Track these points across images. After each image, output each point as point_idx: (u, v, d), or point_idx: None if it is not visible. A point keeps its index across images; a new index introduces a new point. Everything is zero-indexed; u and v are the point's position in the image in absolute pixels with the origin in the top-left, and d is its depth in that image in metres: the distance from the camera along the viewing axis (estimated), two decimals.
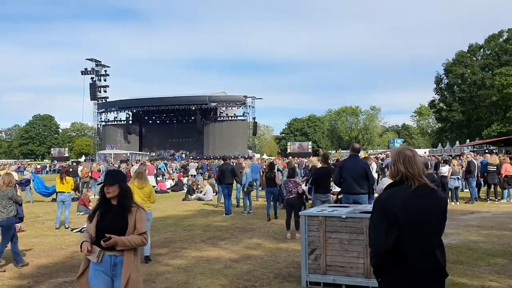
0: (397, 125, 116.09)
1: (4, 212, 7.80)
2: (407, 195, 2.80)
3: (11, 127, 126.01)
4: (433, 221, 2.81)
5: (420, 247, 2.73)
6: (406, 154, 2.93)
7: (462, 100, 59.95)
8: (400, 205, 2.76)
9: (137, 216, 3.89)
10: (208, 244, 9.51)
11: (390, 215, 2.74)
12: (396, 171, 2.93)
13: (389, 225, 2.73)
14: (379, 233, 2.77)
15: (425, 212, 2.78)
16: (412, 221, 2.73)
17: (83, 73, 69.83)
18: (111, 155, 55.98)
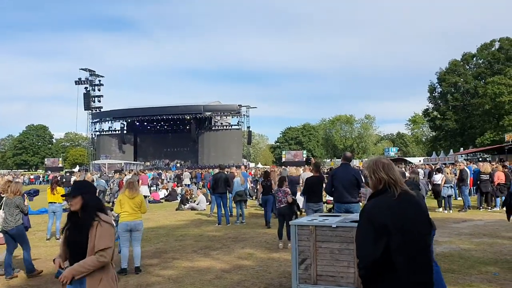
0: (391, 133, 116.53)
1: (12, 221, 7.86)
2: (392, 203, 2.76)
3: (5, 137, 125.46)
4: (421, 228, 2.77)
5: (409, 255, 2.67)
6: (384, 162, 2.92)
7: (456, 109, 60.34)
8: (387, 214, 2.71)
9: (98, 231, 3.53)
10: (200, 254, 9.44)
11: (377, 225, 2.69)
12: (378, 180, 2.88)
13: (376, 235, 2.67)
14: (366, 243, 2.71)
15: (412, 220, 2.74)
16: (400, 229, 2.67)
17: (77, 83, 69.65)
18: (106, 165, 55.72)
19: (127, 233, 7.93)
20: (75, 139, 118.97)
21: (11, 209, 7.87)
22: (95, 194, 3.81)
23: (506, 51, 56.78)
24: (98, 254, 3.50)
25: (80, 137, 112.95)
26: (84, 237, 3.54)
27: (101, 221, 3.59)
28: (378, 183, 2.88)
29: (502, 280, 6.72)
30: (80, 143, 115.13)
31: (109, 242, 3.56)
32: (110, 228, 3.63)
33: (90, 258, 3.50)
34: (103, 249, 3.52)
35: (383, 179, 2.85)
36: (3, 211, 7.91)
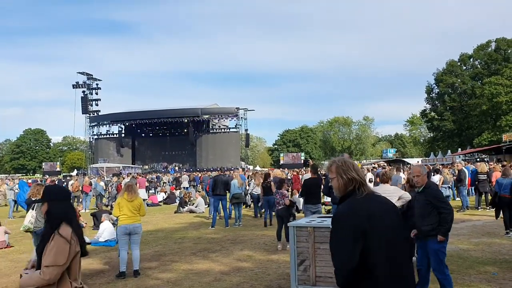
0: (390, 135, 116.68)
1: (41, 221, 7.92)
2: (365, 205, 2.64)
3: (2, 142, 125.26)
4: (396, 228, 2.66)
5: (387, 257, 2.55)
6: (350, 161, 2.82)
7: (453, 109, 60.48)
8: (362, 216, 2.57)
9: (50, 244, 3.13)
10: (199, 256, 9.43)
11: (354, 229, 2.54)
12: (350, 180, 2.74)
13: (354, 240, 2.53)
14: (344, 250, 2.54)
15: (387, 220, 2.63)
16: (377, 232, 2.56)
17: (75, 87, 69.65)
18: (104, 169, 55.62)
19: (126, 236, 7.91)
20: (73, 143, 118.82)
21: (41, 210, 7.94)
22: (64, 201, 3.41)
23: (503, 52, 56.99)
24: (41, 271, 3.11)
25: (78, 141, 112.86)
26: (42, 247, 3.22)
27: (57, 234, 3.16)
28: (349, 184, 2.74)
29: (501, 280, 6.72)
30: (78, 147, 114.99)
31: (55, 260, 3.07)
32: (63, 244, 3.14)
33: (36, 272, 3.16)
34: (46, 266, 3.07)
35: (355, 179, 2.73)
36: (35, 211, 8.11)
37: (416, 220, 5.54)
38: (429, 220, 5.36)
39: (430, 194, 5.45)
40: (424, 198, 5.44)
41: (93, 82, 70.44)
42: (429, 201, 5.39)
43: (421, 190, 5.52)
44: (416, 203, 5.64)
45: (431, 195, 5.43)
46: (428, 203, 5.39)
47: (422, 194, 5.52)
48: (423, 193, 5.51)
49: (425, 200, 5.42)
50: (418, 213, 5.50)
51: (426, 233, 5.38)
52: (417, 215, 5.53)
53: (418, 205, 5.56)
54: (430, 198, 5.39)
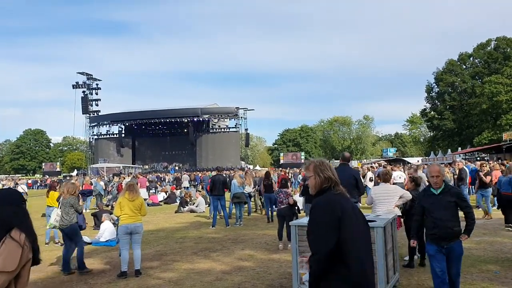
0: (390, 134, 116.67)
1: (67, 219, 8.32)
2: (339, 200, 2.91)
3: (2, 142, 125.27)
4: (363, 225, 2.94)
5: (358, 247, 2.82)
6: (327, 162, 3.06)
7: (453, 108, 60.49)
8: (338, 208, 2.83)
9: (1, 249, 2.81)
10: (200, 256, 9.42)
11: (331, 218, 2.79)
12: (326, 179, 2.98)
13: (330, 228, 2.78)
14: (321, 236, 2.79)
15: (358, 216, 2.92)
16: (351, 223, 2.81)
17: (75, 87, 69.69)
18: (104, 169, 55.65)
19: (127, 236, 7.89)
20: (73, 143, 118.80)
21: (67, 208, 8.36)
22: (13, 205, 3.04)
23: (503, 50, 56.98)
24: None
25: (78, 141, 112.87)
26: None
27: (8, 237, 2.86)
28: (325, 182, 2.99)
29: (503, 279, 6.71)
30: (78, 147, 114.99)
31: (4, 265, 2.72)
32: (15, 247, 2.81)
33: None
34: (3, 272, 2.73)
35: (330, 178, 2.99)
36: (60, 210, 8.46)
37: (441, 222, 5.05)
38: (457, 221, 5.11)
39: (455, 194, 5.17)
40: (449, 200, 5.10)
41: (93, 82, 70.49)
42: (454, 201, 5.10)
43: (442, 190, 5.14)
44: (437, 205, 5.13)
45: (456, 195, 5.16)
46: (454, 204, 5.11)
47: (444, 195, 5.13)
48: (446, 193, 5.13)
49: (450, 202, 5.09)
50: (445, 215, 5.06)
51: (458, 234, 5.08)
52: (442, 217, 5.05)
53: (441, 207, 5.10)
54: (456, 198, 5.12)
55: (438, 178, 5.11)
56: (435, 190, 5.16)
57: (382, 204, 7.41)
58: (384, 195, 7.49)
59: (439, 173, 5.11)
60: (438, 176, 5.10)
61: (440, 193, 5.14)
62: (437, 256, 5.10)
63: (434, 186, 5.17)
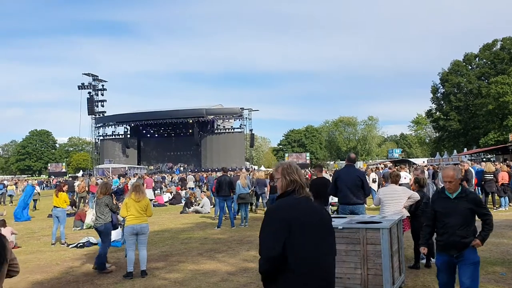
0: (395, 135, 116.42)
1: (102, 218, 8.53)
2: (299, 203, 2.91)
3: (8, 143, 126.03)
4: (322, 231, 2.88)
5: (308, 255, 2.77)
6: (295, 165, 3.07)
7: (459, 109, 60.23)
8: (292, 212, 2.84)
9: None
10: (205, 257, 9.43)
11: (281, 222, 2.80)
12: (291, 181, 2.99)
13: (280, 231, 2.78)
14: (269, 238, 2.80)
15: (315, 221, 2.87)
16: (303, 229, 2.80)
17: (80, 88, 69.85)
18: (109, 170, 55.81)
19: (133, 237, 7.92)
20: (78, 143, 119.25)
21: (101, 207, 8.59)
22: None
23: (509, 51, 56.69)
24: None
25: (84, 141, 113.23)
26: None
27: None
28: (290, 184, 3.00)
29: (509, 280, 6.69)
30: (84, 148, 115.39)
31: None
32: None
33: None
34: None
35: (295, 181, 2.99)
36: (95, 209, 8.73)
37: (452, 229, 4.65)
38: (470, 230, 4.67)
39: (473, 200, 4.71)
40: (465, 206, 4.64)
41: (99, 83, 70.64)
42: (470, 208, 4.64)
43: (458, 195, 4.69)
44: (450, 211, 4.69)
45: (473, 201, 4.70)
46: (469, 211, 4.65)
47: (460, 200, 4.67)
48: (462, 198, 4.68)
49: (465, 208, 4.64)
50: (458, 222, 4.63)
51: (467, 245, 4.62)
52: (454, 224, 4.64)
53: (455, 213, 4.66)
54: (473, 205, 4.65)
55: (451, 184, 4.67)
56: (450, 194, 4.72)
57: (389, 205, 7.40)
58: (392, 196, 7.48)
59: (453, 179, 4.65)
60: (451, 181, 4.66)
61: (455, 197, 4.69)
62: (444, 268, 4.79)
63: (448, 191, 4.74)
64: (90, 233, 13.28)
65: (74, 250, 11.09)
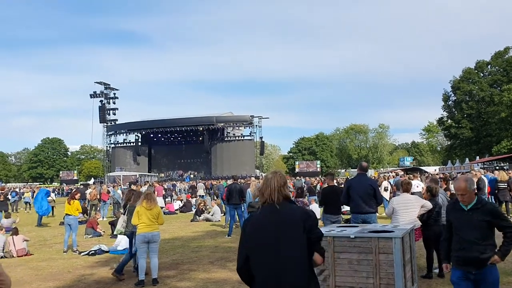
0: (406, 142, 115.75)
1: (130, 225, 8.63)
2: (257, 215, 3.15)
3: (20, 151, 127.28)
4: (277, 236, 2.98)
5: (261, 263, 2.98)
6: (266, 178, 3.21)
7: (471, 117, 59.76)
8: (250, 225, 3.12)
9: None
10: (216, 265, 9.42)
11: (243, 234, 3.13)
12: (259, 196, 3.22)
13: (242, 245, 3.11)
14: (238, 250, 3.13)
15: (266, 228, 3.02)
16: (256, 241, 3.03)
17: (92, 96, 70.51)
18: (121, 177, 56.12)
19: (145, 245, 7.94)
20: (90, 151, 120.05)
21: (130, 215, 8.65)
22: None
23: None
24: None
25: (96, 149, 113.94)
26: None
27: None
28: (261, 199, 3.19)
29: None
30: (95, 156, 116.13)
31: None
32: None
33: None
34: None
35: (261, 195, 3.17)
36: (125, 216, 8.91)
37: (468, 244, 4.24)
38: (489, 244, 4.23)
39: (490, 211, 4.27)
40: (480, 218, 4.22)
41: (111, 91, 71.24)
42: (488, 221, 4.22)
43: (473, 206, 4.29)
44: (464, 223, 4.31)
45: (490, 213, 4.26)
46: (486, 223, 4.22)
47: (475, 212, 4.27)
48: (477, 210, 4.26)
49: (481, 221, 4.22)
50: (474, 236, 4.22)
51: (485, 262, 4.18)
52: (469, 239, 4.24)
53: (469, 225, 4.26)
54: (490, 217, 4.23)
55: (464, 197, 4.30)
56: (465, 206, 4.33)
57: (402, 214, 7.34)
58: (405, 205, 7.42)
59: (465, 191, 4.26)
60: (463, 194, 4.28)
61: (470, 209, 4.29)
62: (461, 283, 4.33)
63: (462, 203, 4.36)
64: (101, 241, 13.35)
65: (86, 257, 11.13)
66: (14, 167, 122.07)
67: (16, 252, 11.62)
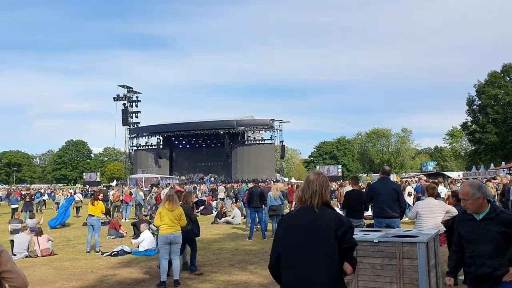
0: (429, 147, 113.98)
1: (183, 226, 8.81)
2: (294, 215, 3.26)
3: (45, 153, 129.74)
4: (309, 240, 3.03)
5: (290, 264, 3.05)
6: (308, 179, 3.26)
7: (496, 122, 58.55)
8: (285, 224, 3.24)
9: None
10: (237, 268, 9.41)
11: (278, 233, 3.26)
12: (297, 195, 3.35)
13: (276, 241, 3.24)
14: (271, 248, 3.24)
15: (300, 230, 3.09)
16: (285, 239, 3.13)
17: (116, 99, 71.56)
18: (142, 179, 56.73)
19: (167, 246, 7.99)
20: (113, 154, 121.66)
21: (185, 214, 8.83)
22: None
23: None
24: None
25: (118, 152, 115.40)
26: None
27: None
28: (297, 199, 3.33)
29: None
30: (118, 158, 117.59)
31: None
32: None
33: None
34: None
35: (299, 196, 3.26)
36: None
37: (479, 259, 3.74)
38: (505, 259, 3.66)
39: (504, 221, 3.70)
40: (494, 229, 3.70)
41: (133, 95, 72.20)
42: (503, 232, 3.66)
43: (486, 215, 3.78)
44: (476, 235, 3.81)
45: (505, 223, 3.69)
46: (501, 235, 3.67)
47: (488, 222, 3.76)
48: (490, 220, 3.75)
49: (495, 232, 3.68)
50: (487, 250, 3.70)
51: (501, 278, 3.65)
52: (481, 253, 3.73)
53: (482, 238, 3.75)
54: (504, 227, 3.67)
55: (467, 202, 3.84)
56: (477, 215, 3.82)
57: (426, 219, 7.21)
58: (429, 209, 7.29)
59: (467, 196, 3.82)
60: (466, 199, 3.83)
61: (482, 218, 3.78)
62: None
63: (468, 211, 3.92)
64: (123, 242, 13.48)
65: (108, 258, 11.25)
66: (39, 168, 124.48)
67: (41, 251, 11.82)
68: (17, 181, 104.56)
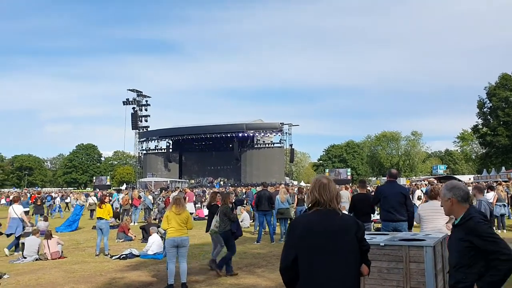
0: (440, 150, 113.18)
1: (222, 226, 9.19)
2: (314, 218, 3.12)
3: (56, 156, 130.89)
4: (333, 243, 3.01)
5: (310, 269, 2.98)
6: (322, 182, 3.22)
7: (507, 124, 57.99)
8: (302, 227, 3.09)
9: None
10: (245, 271, 9.42)
11: (293, 235, 3.12)
12: (312, 197, 3.20)
13: (292, 243, 3.10)
14: (284, 249, 3.12)
15: (323, 233, 3.03)
16: (309, 243, 3.02)
17: (125, 104, 72.00)
18: (152, 183, 56.93)
19: (174, 249, 8.03)
20: (122, 157, 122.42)
21: (221, 216, 9.27)
22: None
23: None
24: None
25: (128, 155, 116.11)
26: None
27: None
28: (311, 200, 3.24)
29: None
30: (128, 162, 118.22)
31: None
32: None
33: None
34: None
35: (315, 198, 3.18)
36: (218, 217, 9.40)
37: (451, 271, 3.36)
38: (472, 272, 3.16)
39: (469, 229, 3.20)
40: (460, 237, 3.25)
41: (143, 99, 72.59)
42: (468, 241, 3.17)
43: (458, 222, 3.34)
44: (450, 244, 3.47)
45: (470, 230, 3.19)
46: (466, 245, 3.19)
47: (458, 229, 3.33)
48: (460, 227, 3.30)
49: (460, 240, 3.24)
50: (453, 260, 3.34)
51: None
52: (451, 263, 3.38)
53: (452, 247, 3.39)
54: (469, 235, 3.17)
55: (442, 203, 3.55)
56: (456, 220, 3.41)
57: (429, 221, 7.16)
58: (431, 212, 7.24)
59: (440, 197, 3.63)
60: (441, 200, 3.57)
61: (456, 224, 3.37)
62: None
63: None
64: (132, 245, 13.55)
65: (117, 261, 11.32)
66: (49, 172, 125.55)
67: (51, 254, 11.92)
68: (28, 184, 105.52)
